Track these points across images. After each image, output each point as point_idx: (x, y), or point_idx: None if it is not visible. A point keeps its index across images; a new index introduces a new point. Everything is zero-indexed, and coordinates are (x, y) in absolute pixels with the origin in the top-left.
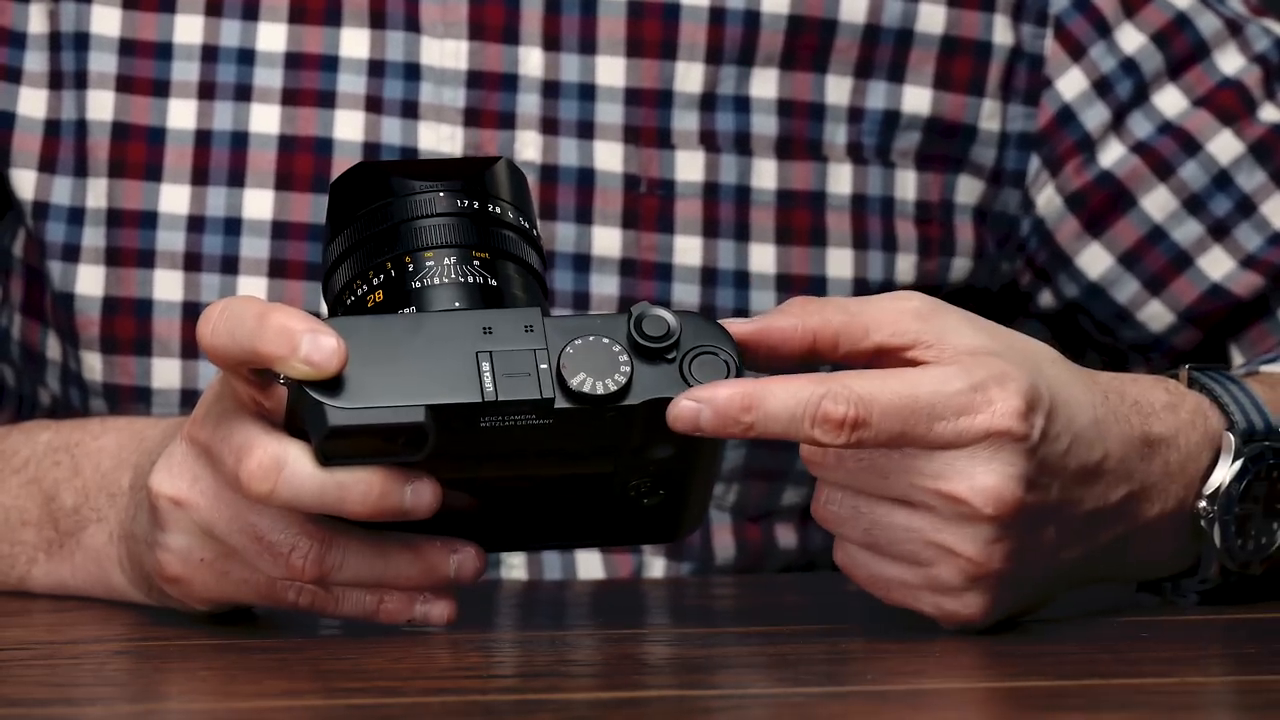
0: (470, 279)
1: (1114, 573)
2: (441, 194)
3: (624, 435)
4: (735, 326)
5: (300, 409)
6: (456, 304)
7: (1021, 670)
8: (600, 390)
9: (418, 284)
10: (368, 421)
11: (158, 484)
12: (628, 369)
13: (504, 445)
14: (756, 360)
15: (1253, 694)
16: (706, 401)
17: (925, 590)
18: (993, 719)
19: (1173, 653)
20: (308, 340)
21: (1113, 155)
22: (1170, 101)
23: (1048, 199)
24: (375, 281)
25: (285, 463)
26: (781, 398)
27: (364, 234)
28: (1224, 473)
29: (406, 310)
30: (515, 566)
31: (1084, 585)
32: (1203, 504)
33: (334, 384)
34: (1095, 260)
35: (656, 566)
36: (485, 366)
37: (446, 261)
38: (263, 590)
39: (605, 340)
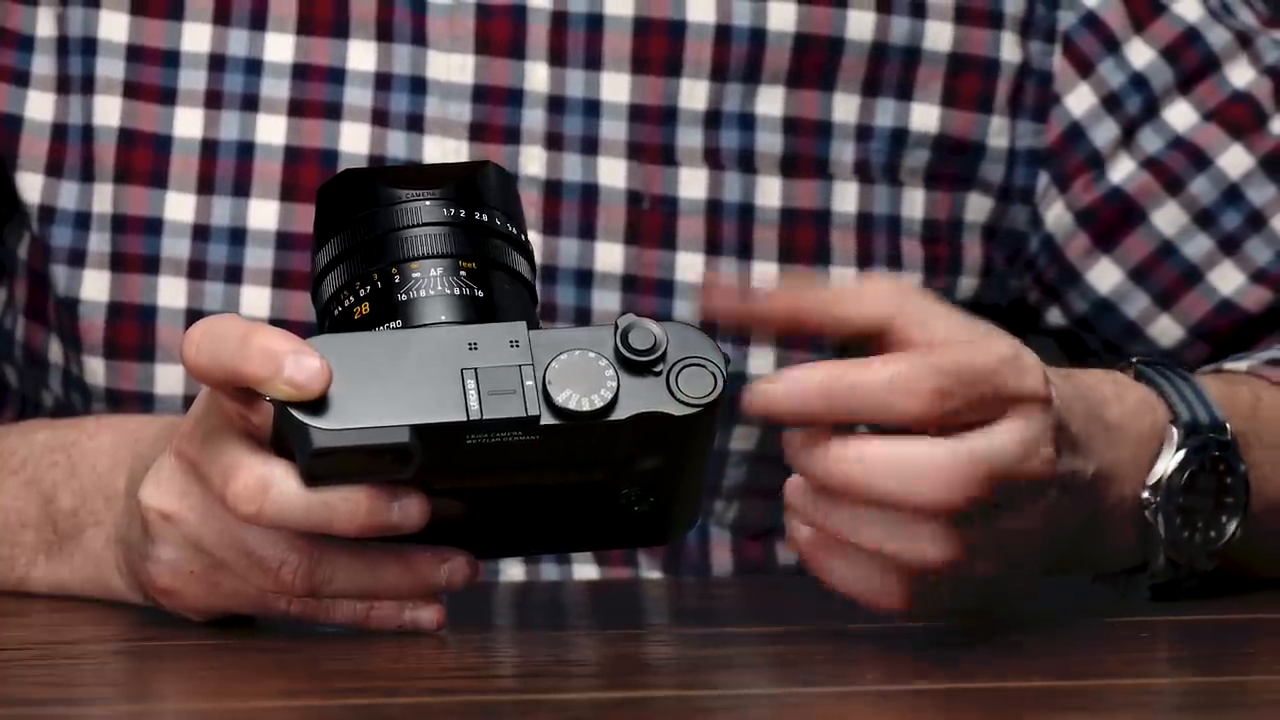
0: (457, 290)
1: (1079, 558)
2: (427, 202)
3: (611, 448)
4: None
5: (285, 429)
6: (443, 317)
7: (1022, 670)
8: (586, 406)
9: (404, 296)
10: (352, 443)
11: (147, 498)
12: (614, 383)
13: (491, 460)
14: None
15: (1252, 694)
16: (785, 386)
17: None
18: (993, 719)
19: (1172, 653)
20: (291, 362)
21: (1123, 171)
22: (1180, 116)
23: (1057, 215)
24: (362, 293)
25: (271, 483)
26: (865, 373)
27: (350, 243)
28: (1166, 463)
29: (393, 323)
30: (514, 577)
31: (1052, 573)
32: (1145, 494)
33: (318, 405)
34: (1105, 275)
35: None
36: (470, 384)
37: (433, 273)
38: (254, 601)
39: (591, 354)
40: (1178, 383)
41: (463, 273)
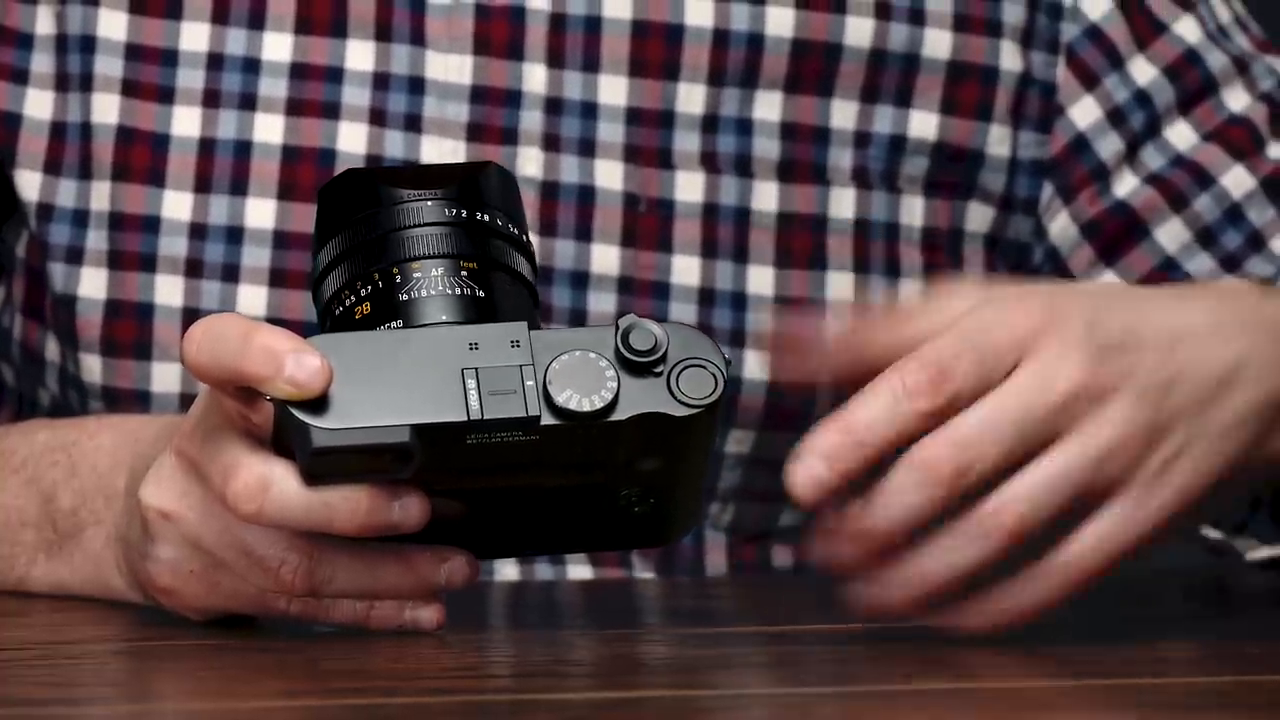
0: (458, 290)
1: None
2: (429, 203)
3: (611, 449)
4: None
5: (286, 428)
6: (444, 317)
7: (1022, 670)
8: (586, 407)
9: (405, 296)
10: (353, 443)
11: (147, 497)
12: (614, 384)
13: (492, 460)
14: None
15: (1253, 694)
16: (816, 458)
17: (1132, 511)
18: (993, 719)
19: (1173, 653)
20: (292, 360)
21: (1127, 186)
22: (1181, 135)
23: (1062, 227)
24: (363, 293)
25: (271, 482)
26: (866, 404)
27: (351, 243)
28: None
29: (394, 323)
30: (509, 577)
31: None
32: None
33: (319, 404)
34: None
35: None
36: (471, 384)
37: (434, 273)
38: (253, 600)
39: (592, 355)
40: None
41: (464, 273)
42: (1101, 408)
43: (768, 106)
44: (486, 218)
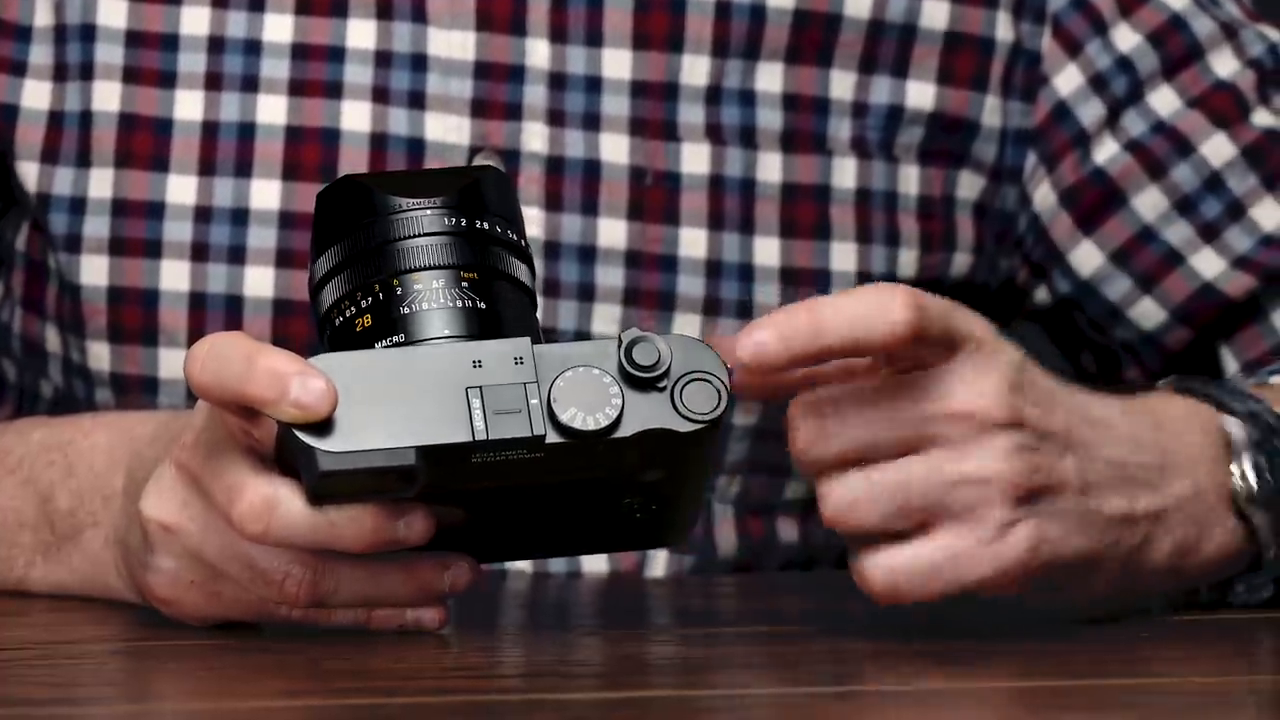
0: (459, 302)
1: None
2: (428, 212)
3: (615, 463)
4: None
5: (291, 450)
6: (446, 331)
7: (1022, 670)
8: (591, 425)
9: (406, 310)
10: (358, 465)
11: (148, 509)
12: (619, 401)
13: (496, 476)
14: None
15: (1254, 694)
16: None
17: (972, 548)
18: (993, 719)
19: (1173, 652)
20: (297, 383)
21: (1107, 152)
22: (1164, 101)
23: (1044, 195)
24: (363, 304)
25: (277, 503)
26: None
27: (350, 252)
28: (1241, 462)
29: (396, 337)
30: (522, 569)
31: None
32: (1235, 481)
33: (324, 426)
34: (1087, 258)
35: (659, 559)
36: (475, 403)
37: (435, 284)
38: (255, 609)
39: (595, 371)
40: (1215, 385)
41: (464, 284)
42: (979, 440)
43: (769, 77)
44: (486, 225)
